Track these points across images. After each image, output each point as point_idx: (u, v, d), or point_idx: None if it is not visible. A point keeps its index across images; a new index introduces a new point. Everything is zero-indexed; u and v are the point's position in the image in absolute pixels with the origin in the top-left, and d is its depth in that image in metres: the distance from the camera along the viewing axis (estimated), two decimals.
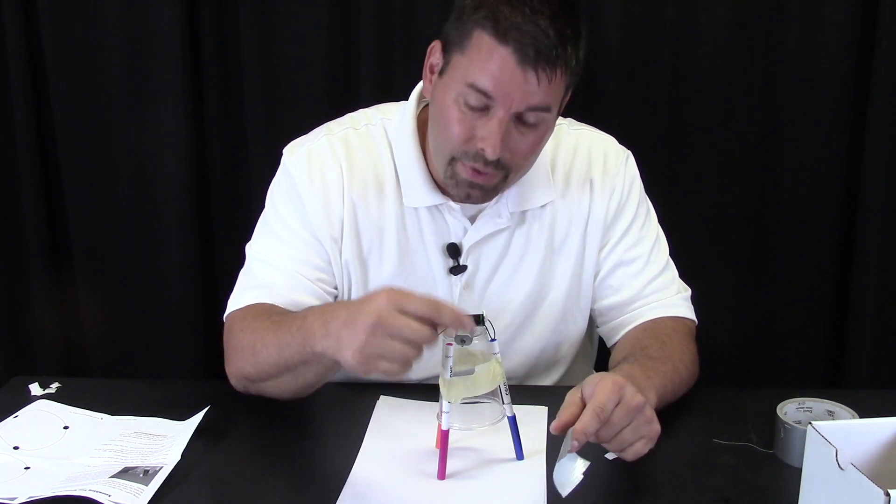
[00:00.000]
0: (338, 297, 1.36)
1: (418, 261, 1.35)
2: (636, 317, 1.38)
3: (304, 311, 1.18)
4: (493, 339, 1.10)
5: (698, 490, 1.09)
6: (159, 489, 1.07)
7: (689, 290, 1.43)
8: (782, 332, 2.03)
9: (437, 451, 1.12)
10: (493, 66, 1.15)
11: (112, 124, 1.95)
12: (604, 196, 1.38)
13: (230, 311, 1.33)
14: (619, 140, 1.43)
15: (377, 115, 1.38)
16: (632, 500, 1.08)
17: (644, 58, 1.89)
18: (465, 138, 1.21)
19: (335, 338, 1.06)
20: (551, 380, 1.44)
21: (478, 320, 1.09)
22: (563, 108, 1.28)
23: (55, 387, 1.33)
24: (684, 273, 1.43)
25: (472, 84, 1.17)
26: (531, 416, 1.21)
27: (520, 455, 1.15)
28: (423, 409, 1.25)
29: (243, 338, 1.25)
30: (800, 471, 0.96)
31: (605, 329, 1.43)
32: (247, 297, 1.31)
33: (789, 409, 1.17)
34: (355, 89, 1.91)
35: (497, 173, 1.23)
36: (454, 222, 1.34)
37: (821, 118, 1.91)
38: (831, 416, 1.17)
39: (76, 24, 1.90)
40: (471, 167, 1.22)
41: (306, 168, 1.33)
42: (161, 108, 1.92)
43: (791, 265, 1.99)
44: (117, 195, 1.99)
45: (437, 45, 1.25)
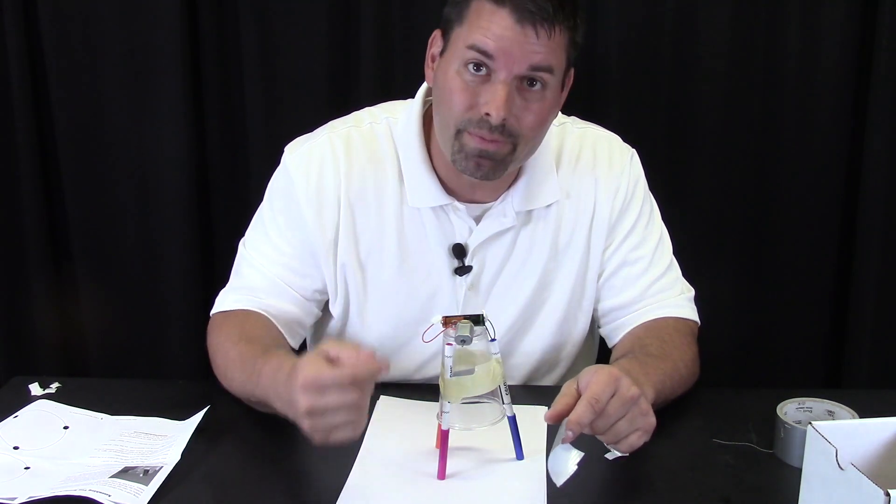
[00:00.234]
0: (332, 302, 1.37)
1: (420, 262, 1.35)
2: (638, 317, 1.38)
3: (260, 365, 1.17)
4: (493, 340, 1.10)
5: (698, 490, 1.09)
6: (159, 489, 1.07)
7: (692, 291, 1.42)
8: (782, 332, 2.02)
9: (437, 451, 1.12)
10: (493, 25, 1.17)
11: (112, 124, 1.95)
12: (608, 194, 1.37)
13: (215, 311, 1.36)
14: None
15: (382, 114, 1.37)
16: (632, 500, 1.08)
17: (644, 57, 1.89)
18: (469, 106, 1.20)
19: (289, 414, 1.07)
20: (553, 380, 1.44)
21: (478, 320, 1.09)
22: (567, 90, 1.28)
23: (55, 387, 1.33)
24: (684, 273, 1.44)
25: (472, 45, 1.18)
26: (531, 416, 1.21)
27: (520, 455, 1.15)
28: (423, 409, 1.25)
29: (217, 357, 1.30)
30: (800, 471, 0.96)
31: (607, 329, 1.43)
32: (230, 300, 1.35)
33: (789, 409, 1.18)
34: (355, 89, 1.91)
35: (504, 141, 1.21)
36: (459, 222, 1.33)
37: (821, 118, 1.91)
38: (831, 416, 1.17)
39: (76, 23, 1.90)
40: (477, 135, 1.21)
41: (304, 169, 1.33)
42: (161, 109, 1.92)
43: (791, 265, 1.99)
44: (117, 195, 1.99)
45: (436, 34, 1.27)
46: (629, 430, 1.06)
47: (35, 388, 1.32)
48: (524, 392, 1.27)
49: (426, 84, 1.33)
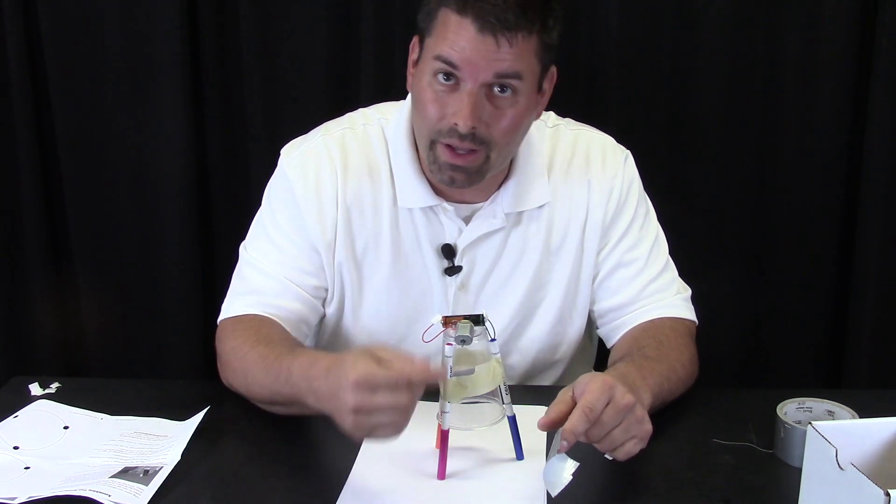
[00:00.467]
0: (327, 301, 1.37)
1: (413, 262, 1.35)
2: (635, 318, 1.38)
3: (289, 362, 1.16)
4: (492, 340, 1.10)
5: (698, 490, 1.09)
6: (159, 489, 1.07)
7: (689, 290, 1.42)
8: (782, 332, 2.02)
9: (437, 451, 1.12)
10: (456, 36, 1.18)
11: (112, 124, 1.95)
12: (602, 197, 1.37)
13: (223, 318, 1.35)
14: (618, 139, 1.43)
15: (375, 115, 1.38)
16: (632, 500, 1.08)
17: (643, 57, 1.89)
18: (440, 116, 1.22)
19: (327, 408, 1.06)
20: (550, 380, 1.44)
21: (477, 320, 1.09)
22: (549, 90, 1.29)
23: (55, 387, 1.33)
24: (684, 273, 1.43)
25: (438, 56, 1.19)
26: (531, 416, 1.21)
27: (520, 455, 1.15)
28: (423, 410, 1.24)
29: (234, 361, 1.27)
30: (800, 471, 0.96)
31: (604, 330, 1.43)
32: (238, 306, 1.34)
33: (789, 409, 1.17)
34: (355, 89, 1.91)
35: (476, 149, 1.22)
36: (448, 223, 1.34)
37: (821, 118, 1.91)
38: (831, 416, 1.17)
39: (76, 23, 1.90)
40: (447, 145, 1.22)
41: (301, 171, 1.33)
42: (161, 108, 1.92)
43: (791, 265, 1.99)
44: (117, 195, 1.99)
45: (415, 41, 1.28)
46: (625, 437, 1.06)
47: (35, 388, 1.32)
48: (524, 392, 1.27)
49: None
